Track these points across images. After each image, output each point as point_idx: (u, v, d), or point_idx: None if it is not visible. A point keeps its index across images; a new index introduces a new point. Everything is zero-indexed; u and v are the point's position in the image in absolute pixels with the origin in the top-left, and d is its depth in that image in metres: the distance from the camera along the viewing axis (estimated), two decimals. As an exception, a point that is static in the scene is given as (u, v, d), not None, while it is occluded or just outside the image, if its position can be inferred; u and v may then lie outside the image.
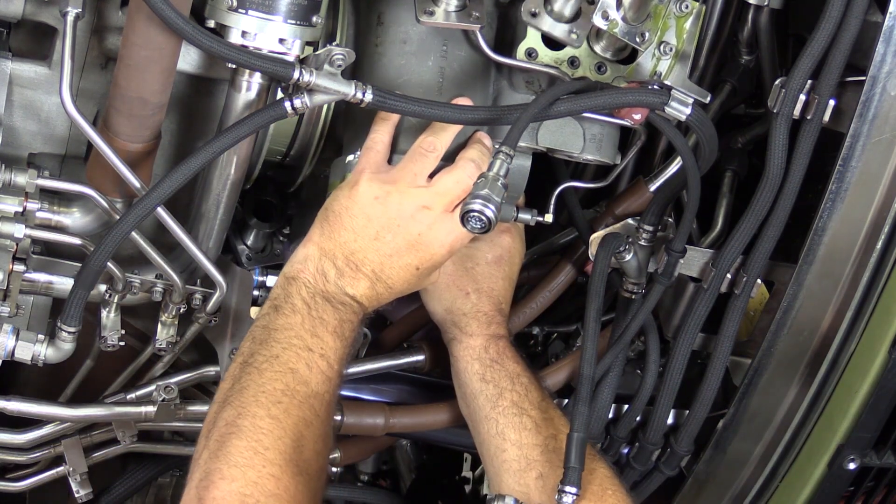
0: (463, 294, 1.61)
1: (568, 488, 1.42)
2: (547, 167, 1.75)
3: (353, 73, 1.49)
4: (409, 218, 1.43)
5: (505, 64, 1.51)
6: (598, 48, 1.51)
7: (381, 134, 1.48)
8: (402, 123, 1.50)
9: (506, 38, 1.54)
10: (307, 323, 1.37)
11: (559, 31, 1.48)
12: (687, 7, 1.48)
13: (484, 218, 1.33)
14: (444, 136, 1.47)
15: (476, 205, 1.32)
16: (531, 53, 1.50)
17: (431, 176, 1.46)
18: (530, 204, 1.64)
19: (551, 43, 1.50)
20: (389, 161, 1.49)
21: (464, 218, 1.34)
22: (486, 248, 1.62)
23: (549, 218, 1.61)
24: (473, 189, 1.34)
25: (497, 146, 1.37)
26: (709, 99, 1.50)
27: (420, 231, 1.43)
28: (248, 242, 1.75)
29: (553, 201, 1.62)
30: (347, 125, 1.60)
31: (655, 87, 1.45)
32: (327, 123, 1.56)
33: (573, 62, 1.51)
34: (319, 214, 1.45)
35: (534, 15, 1.47)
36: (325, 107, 1.55)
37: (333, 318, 1.39)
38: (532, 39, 1.49)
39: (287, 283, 1.41)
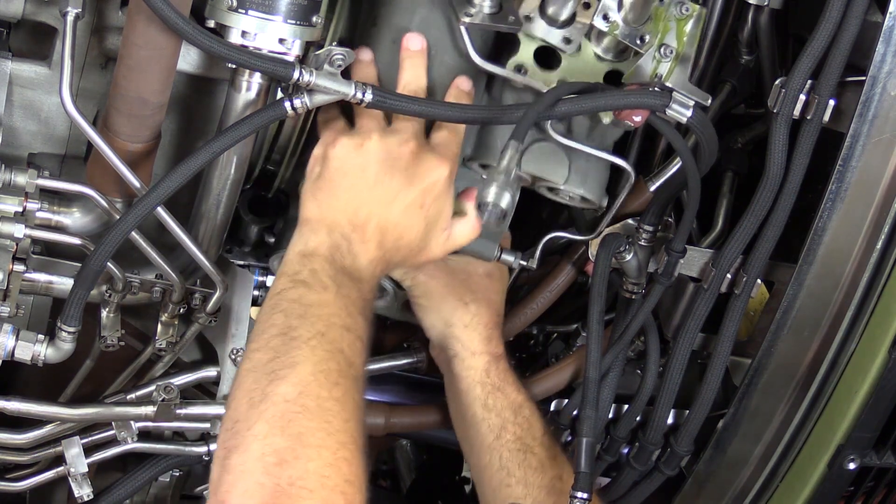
0: (462, 304, 1.59)
1: (579, 494, 1.42)
2: (534, 209, 1.76)
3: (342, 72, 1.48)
4: (398, 149, 1.38)
5: (492, 72, 1.48)
6: (598, 50, 1.51)
7: (332, 112, 1.45)
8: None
9: (500, 47, 1.53)
10: (339, 301, 1.30)
11: (553, 36, 1.47)
12: (687, 10, 1.48)
13: (498, 209, 1.30)
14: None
15: (490, 195, 1.30)
16: (520, 69, 1.48)
17: None
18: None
19: (543, 61, 1.49)
20: None
21: (478, 209, 1.32)
22: (476, 263, 1.62)
23: (533, 264, 1.61)
24: (486, 180, 1.32)
25: (505, 141, 1.36)
26: (709, 101, 1.50)
27: (414, 159, 1.38)
28: (247, 239, 1.76)
29: (539, 249, 1.62)
30: None
31: (656, 88, 1.45)
32: (307, 126, 1.55)
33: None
34: (306, 191, 1.39)
35: (528, 19, 1.47)
36: None
37: (358, 296, 1.33)
38: (524, 55, 1.48)
39: (305, 259, 1.33)
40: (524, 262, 1.60)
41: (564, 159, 1.53)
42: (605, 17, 1.45)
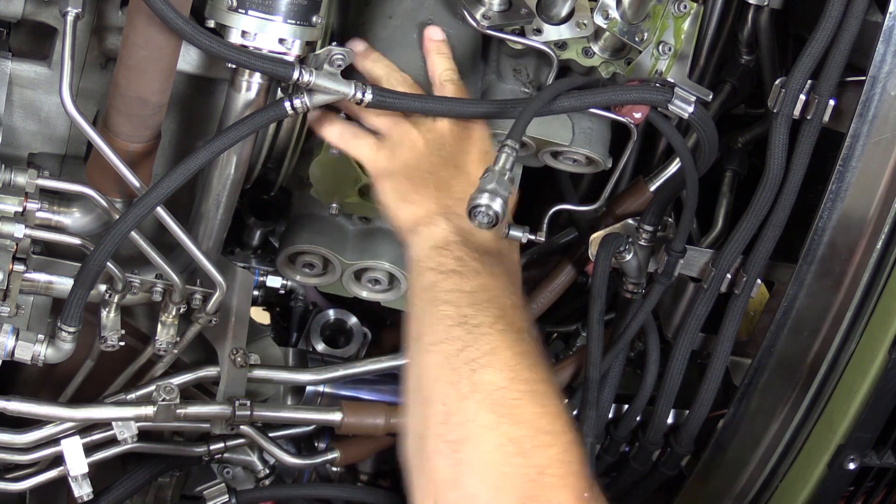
0: None
1: None
2: (544, 185, 1.75)
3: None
4: (438, 128, 1.41)
5: (493, 36, 1.49)
6: (595, 48, 1.52)
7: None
8: None
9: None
10: (496, 281, 1.29)
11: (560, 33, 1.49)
12: (685, 7, 1.49)
13: (491, 213, 1.31)
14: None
15: (483, 199, 1.29)
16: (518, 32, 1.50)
17: None
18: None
19: None
20: None
21: (471, 213, 1.30)
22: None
23: (541, 237, 1.61)
24: (480, 183, 1.32)
25: (502, 140, 1.36)
26: (710, 97, 1.51)
27: (458, 130, 1.42)
28: (249, 241, 1.75)
29: (546, 221, 1.63)
30: None
31: (658, 84, 1.45)
32: (306, 122, 1.54)
33: (560, 44, 1.51)
34: (389, 201, 1.39)
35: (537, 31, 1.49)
36: None
37: (504, 269, 1.33)
38: None
39: (443, 251, 1.31)
40: (532, 237, 1.61)
41: (567, 121, 1.54)
42: (605, 15, 1.46)
